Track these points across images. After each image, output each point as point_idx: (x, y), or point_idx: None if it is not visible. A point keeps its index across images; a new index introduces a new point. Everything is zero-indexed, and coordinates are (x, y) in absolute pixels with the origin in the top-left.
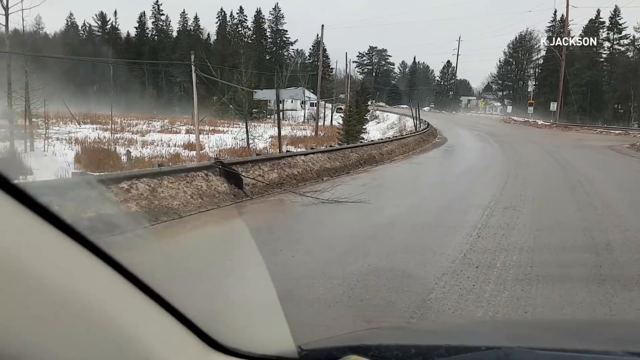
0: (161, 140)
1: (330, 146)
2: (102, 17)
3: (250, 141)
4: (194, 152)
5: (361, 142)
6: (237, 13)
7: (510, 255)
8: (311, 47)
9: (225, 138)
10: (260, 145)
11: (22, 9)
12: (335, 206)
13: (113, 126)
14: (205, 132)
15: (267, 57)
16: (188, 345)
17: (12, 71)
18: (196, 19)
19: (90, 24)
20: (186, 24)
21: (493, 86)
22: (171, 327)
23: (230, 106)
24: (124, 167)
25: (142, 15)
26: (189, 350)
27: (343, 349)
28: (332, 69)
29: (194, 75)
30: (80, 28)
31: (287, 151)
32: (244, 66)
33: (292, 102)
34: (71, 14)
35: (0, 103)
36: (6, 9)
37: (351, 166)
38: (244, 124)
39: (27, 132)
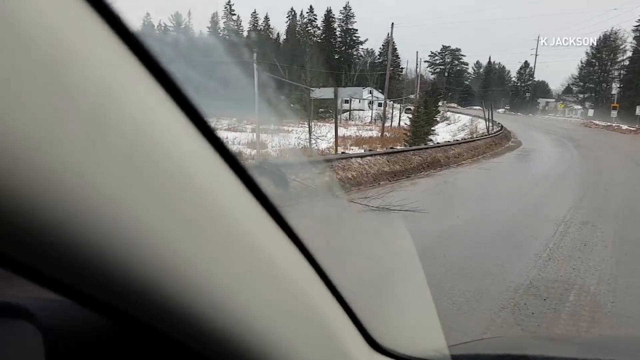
0: (226, 138)
1: (391, 148)
2: (177, 17)
3: (313, 141)
4: (256, 151)
5: (425, 144)
6: (307, 12)
7: (587, 285)
8: (381, 47)
9: (289, 138)
10: (322, 145)
11: None
12: (384, 215)
13: None
14: (270, 132)
15: (336, 57)
16: (356, 343)
17: None
18: (266, 18)
19: (165, 24)
20: (256, 23)
21: (573, 88)
22: (345, 321)
23: (292, 105)
24: None
25: (215, 16)
26: (356, 349)
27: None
28: (402, 68)
29: (255, 73)
30: (155, 27)
31: (343, 152)
32: (308, 65)
33: (359, 102)
34: (148, 13)
35: None
36: None
37: (412, 170)
38: (310, 123)
39: None
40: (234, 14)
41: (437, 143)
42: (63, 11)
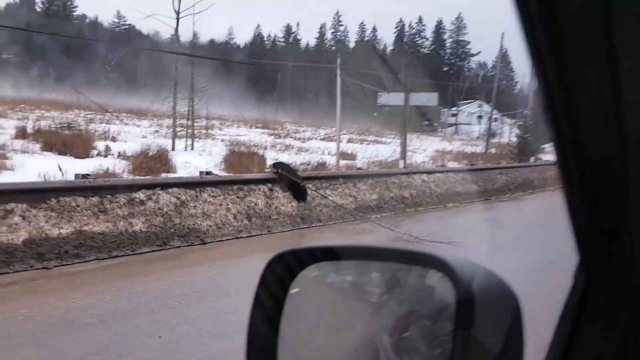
0: (318, 148)
1: (472, 165)
2: (287, 29)
3: (410, 154)
4: (346, 162)
5: (519, 163)
6: (416, 23)
7: None
8: (494, 60)
9: (383, 149)
10: (419, 158)
11: (193, 13)
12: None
13: (278, 132)
14: (366, 142)
15: (445, 69)
16: None
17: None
18: (374, 29)
19: (275, 35)
20: (364, 34)
21: None
22: None
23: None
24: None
25: (323, 27)
26: None
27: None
28: (516, 82)
29: (338, 80)
30: (265, 39)
31: (404, 167)
32: (394, 73)
33: (467, 115)
34: (258, 25)
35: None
36: (177, 13)
37: (493, 192)
38: (412, 136)
39: (189, 131)
40: (342, 25)
41: (535, 162)
42: None
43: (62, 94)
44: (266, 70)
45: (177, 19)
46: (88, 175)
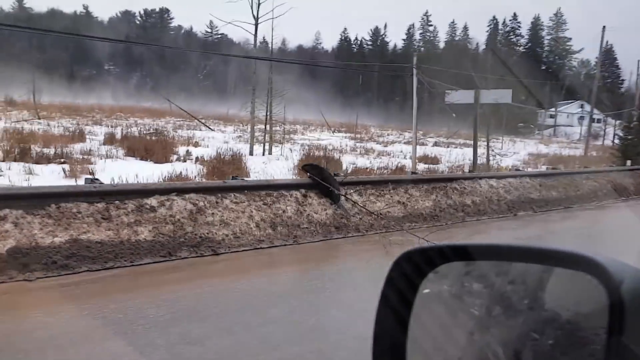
0: (400, 152)
1: (553, 168)
2: (376, 32)
3: (496, 157)
4: (426, 166)
5: (610, 166)
6: (510, 20)
7: None
8: (597, 57)
9: (470, 153)
10: (508, 162)
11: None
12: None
13: (360, 136)
14: (454, 145)
15: (543, 68)
16: None
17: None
18: (465, 28)
19: (362, 38)
20: (454, 34)
21: None
22: None
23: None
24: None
25: (411, 27)
26: None
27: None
28: (622, 80)
29: (414, 79)
30: (352, 42)
31: (470, 171)
32: (484, 73)
33: (567, 117)
34: (345, 29)
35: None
36: (256, 19)
37: (577, 198)
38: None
39: (267, 136)
40: (431, 25)
41: (629, 166)
42: None
43: (157, 102)
44: (352, 74)
45: (256, 25)
46: (97, 179)
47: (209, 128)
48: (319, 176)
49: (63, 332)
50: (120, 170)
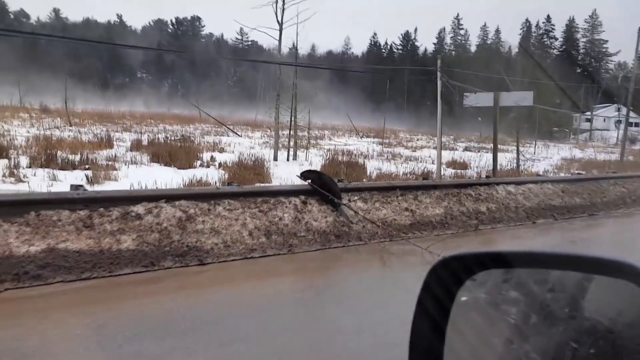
0: (429, 157)
1: (579, 174)
2: (406, 36)
3: (527, 162)
4: (454, 171)
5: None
6: (544, 22)
7: None
8: (633, 59)
9: (501, 158)
10: (540, 167)
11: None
12: None
13: (388, 141)
14: (486, 150)
15: (578, 70)
16: None
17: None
18: (497, 31)
19: (392, 43)
20: (486, 37)
21: None
22: None
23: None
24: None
25: (442, 31)
26: None
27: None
28: None
29: (439, 82)
30: (382, 47)
31: (487, 176)
32: (516, 76)
33: (604, 120)
34: (375, 34)
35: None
36: (280, 24)
37: (603, 205)
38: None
39: (292, 141)
40: (462, 28)
41: None
42: None
43: (187, 109)
44: (381, 79)
45: (280, 30)
46: (81, 186)
47: (236, 134)
48: (317, 182)
49: (4, 350)
50: (142, 176)
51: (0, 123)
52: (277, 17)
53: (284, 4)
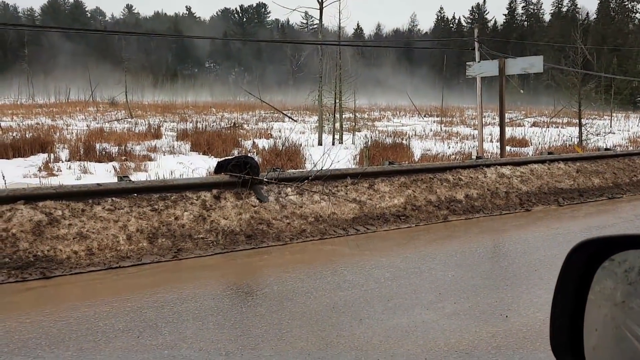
0: (489, 135)
1: (606, 149)
2: (476, 8)
3: (592, 137)
4: (512, 149)
5: None
6: None
7: None
8: None
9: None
10: (609, 142)
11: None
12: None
13: (451, 119)
14: (555, 125)
15: None
16: None
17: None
18: None
19: (461, 16)
20: (561, 4)
21: None
22: None
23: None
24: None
25: (513, 1)
26: None
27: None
28: None
29: (477, 53)
30: (449, 21)
31: (477, 157)
32: (596, 44)
33: None
34: (441, 7)
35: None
36: (321, 3)
37: (631, 186)
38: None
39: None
40: None
41: None
42: None
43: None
44: (451, 55)
45: (321, 9)
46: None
47: (292, 119)
48: (236, 171)
49: None
50: (172, 165)
51: (64, 117)
52: None
53: None
